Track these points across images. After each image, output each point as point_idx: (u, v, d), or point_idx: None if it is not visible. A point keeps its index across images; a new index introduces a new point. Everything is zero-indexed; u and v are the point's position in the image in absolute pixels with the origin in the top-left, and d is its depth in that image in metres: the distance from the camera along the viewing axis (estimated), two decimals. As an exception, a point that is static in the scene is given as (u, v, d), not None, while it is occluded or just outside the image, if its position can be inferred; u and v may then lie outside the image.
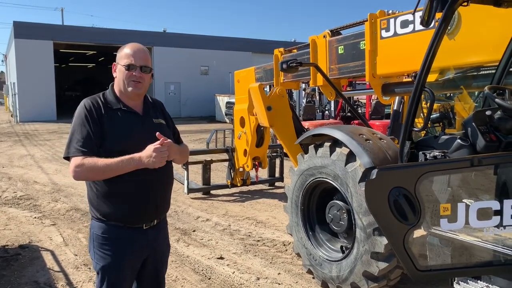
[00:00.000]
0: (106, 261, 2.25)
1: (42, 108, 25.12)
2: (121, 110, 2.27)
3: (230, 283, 4.11)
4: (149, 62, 2.30)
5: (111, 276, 2.27)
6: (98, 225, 2.27)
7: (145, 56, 2.29)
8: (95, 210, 2.27)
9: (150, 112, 2.38)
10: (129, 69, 2.23)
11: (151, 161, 2.12)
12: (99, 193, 2.24)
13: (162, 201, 2.36)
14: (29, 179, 9.11)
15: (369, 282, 3.46)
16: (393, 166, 2.92)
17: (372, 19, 4.21)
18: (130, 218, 2.25)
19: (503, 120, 2.72)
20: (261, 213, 6.58)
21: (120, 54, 2.28)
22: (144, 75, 2.27)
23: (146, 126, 2.30)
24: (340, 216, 3.79)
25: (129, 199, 2.23)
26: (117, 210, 2.23)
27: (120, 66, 2.26)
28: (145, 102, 2.40)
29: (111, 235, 2.25)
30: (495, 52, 3.28)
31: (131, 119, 2.27)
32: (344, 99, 4.90)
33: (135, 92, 2.27)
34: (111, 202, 2.23)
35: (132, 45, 2.30)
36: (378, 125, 10.20)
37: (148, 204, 2.27)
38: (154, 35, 28.74)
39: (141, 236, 2.29)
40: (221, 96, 25.32)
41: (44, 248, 4.96)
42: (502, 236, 2.47)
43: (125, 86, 2.26)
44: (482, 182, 2.61)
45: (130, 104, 2.31)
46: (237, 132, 7.05)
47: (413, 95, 2.69)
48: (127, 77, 2.24)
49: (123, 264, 2.27)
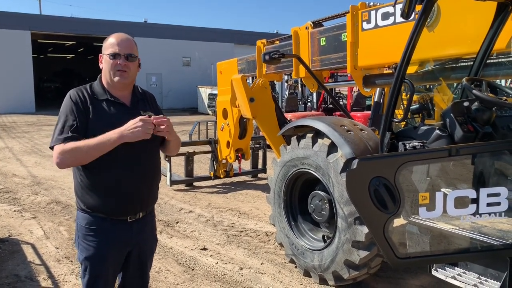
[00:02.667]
0: (89, 252, 2.25)
1: (20, 99, 24.58)
2: (108, 101, 2.24)
3: (214, 274, 4.13)
4: (134, 50, 2.27)
5: (94, 267, 2.26)
6: (82, 216, 2.27)
7: (130, 45, 2.26)
8: (80, 201, 2.26)
9: (138, 103, 2.34)
10: (114, 58, 2.20)
11: (135, 132, 2.07)
12: (84, 184, 2.23)
13: (147, 194, 2.34)
14: (8, 172, 8.94)
15: (350, 270, 3.52)
16: (373, 156, 2.97)
17: (354, 11, 4.24)
18: (114, 210, 2.24)
19: (480, 111, 2.79)
20: (244, 204, 6.60)
21: (105, 44, 2.25)
22: (129, 63, 2.23)
23: (133, 117, 2.23)
24: (322, 206, 3.84)
25: (113, 191, 2.21)
26: (101, 202, 2.22)
27: (105, 56, 2.23)
28: (134, 93, 2.36)
29: (95, 226, 2.24)
30: (473, 44, 3.34)
31: (117, 110, 2.24)
32: (326, 90, 4.93)
33: (121, 82, 2.24)
34: (95, 193, 2.22)
35: (116, 34, 2.26)
36: (359, 117, 10.30)
37: (133, 196, 2.26)
38: (135, 25, 28.32)
39: (125, 229, 2.28)
40: (204, 87, 25.18)
41: (25, 242, 4.90)
42: (478, 224, 2.54)
43: (111, 76, 2.23)
44: (459, 172, 2.68)
45: (117, 95, 2.27)
46: (219, 123, 7.04)
47: (394, 86, 2.74)
48: (112, 67, 2.21)
49: (106, 256, 2.26)
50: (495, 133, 2.79)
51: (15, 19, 24.52)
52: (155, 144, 2.34)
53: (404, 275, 4.01)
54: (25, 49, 24.97)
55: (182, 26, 30.12)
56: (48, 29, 25.91)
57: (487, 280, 2.66)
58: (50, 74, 39.08)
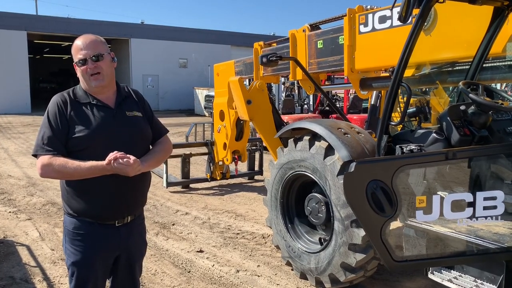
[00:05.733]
0: (77, 257, 2.22)
1: (16, 100, 24.46)
2: (90, 104, 2.20)
3: (210, 276, 4.13)
4: (100, 48, 2.18)
5: (81, 272, 2.23)
6: (69, 221, 2.24)
7: (95, 44, 2.18)
8: (67, 205, 2.24)
9: (123, 104, 2.29)
10: (83, 64, 2.16)
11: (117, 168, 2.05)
12: (70, 189, 2.20)
13: (134, 197, 2.30)
14: (3, 173, 8.89)
15: (347, 273, 3.52)
16: (371, 159, 2.97)
17: (351, 14, 4.25)
18: (100, 214, 2.21)
19: (477, 115, 2.80)
20: (241, 206, 6.60)
21: (72, 52, 2.20)
22: (99, 63, 2.16)
23: (117, 119, 2.23)
24: (318, 208, 3.84)
25: (100, 195, 2.18)
26: (87, 206, 2.19)
27: (75, 65, 2.20)
28: (119, 93, 2.31)
29: (82, 231, 2.21)
30: (470, 48, 3.36)
31: (100, 113, 2.20)
32: (323, 93, 4.94)
33: (99, 86, 2.20)
34: (81, 197, 2.19)
35: (80, 38, 2.21)
36: (356, 119, 10.33)
37: (119, 200, 2.22)
38: (132, 26, 28.29)
39: (113, 233, 2.24)
40: (200, 89, 25.16)
41: (20, 243, 4.87)
42: (475, 227, 2.54)
43: (88, 82, 2.19)
44: (456, 175, 2.69)
45: (100, 98, 2.23)
46: (216, 125, 7.04)
47: (390, 89, 2.74)
48: (84, 73, 2.17)
49: (93, 261, 2.23)
50: (492, 136, 2.81)
51: (11, 19, 24.42)
52: (142, 147, 2.31)
53: (401, 278, 4.02)
54: (21, 49, 24.87)
55: (179, 27, 30.13)
56: (44, 30, 25.84)
57: (483, 283, 2.67)
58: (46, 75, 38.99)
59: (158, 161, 2.37)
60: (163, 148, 2.40)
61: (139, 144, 2.27)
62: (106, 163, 2.05)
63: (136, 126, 2.29)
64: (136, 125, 2.29)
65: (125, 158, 2.05)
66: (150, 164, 2.26)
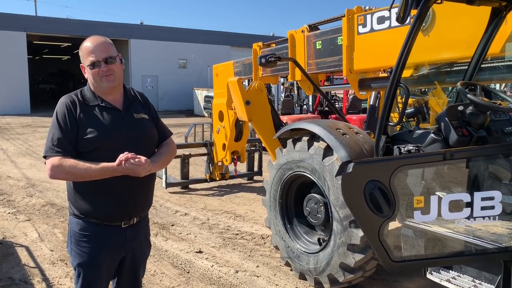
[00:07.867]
0: (83, 258, 2.23)
1: (15, 101, 24.46)
2: (99, 107, 2.21)
3: (209, 277, 4.13)
4: (111, 51, 2.21)
5: (87, 273, 2.24)
6: (76, 222, 2.24)
7: (106, 47, 2.20)
8: (74, 207, 2.24)
9: (131, 106, 2.31)
10: (94, 67, 2.17)
11: (129, 168, 2.07)
12: (77, 190, 2.21)
13: (142, 198, 2.31)
14: (2, 174, 8.89)
15: (346, 273, 3.53)
16: (369, 160, 2.98)
17: (349, 15, 4.26)
18: (107, 216, 2.22)
19: (475, 115, 2.80)
20: (240, 207, 6.60)
21: (81, 54, 2.21)
22: (111, 66, 2.19)
23: (126, 121, 2.24)
24: (317, 209, 3.85)
25: (109, 196, 2.19)
26: (94, 207, 2.20)
27: (87, 68, 2.21)
28: (126, 96, 2.32)
29: (89, 232, 2.22)
30: (468, 48, 3.36)
31: (109, 115, 2.21)
32: (322, 93, 4.94)
33: (110, 86, 2.21)
34: (88, 199, 2.20)
35: (89, 40, 2.22)
36: (355, 120, 10.33)
37: (127, 201, 2.23)
38: (131, 27, 28.28)
39: (119, 235, 2.26)
40: (200, 89, 25.17)
41: (19, 244, 4.87)
42: (473, 227, 2.55)
43: (99, 83, 2.20)
44: (454, 175, 2.69)
45: (108, 100, 2.24)
46: (215, 126, 7.04)
47: (389, 90, 2.75)
48: (96, 75, 2.18)
49: (99, 262, 2.24)
50: (489, 137, 2.82)
51: (10, 20, 24.41)
52: (150, 149, 2.32)
53: (399, 278, 4.02)
54: (20, 50, 24.86)
55: (178, 28, 30.13)
56: (43, 31, 25.83)
57: (481, 283, 2.67)
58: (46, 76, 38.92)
59: (166, 162, 2.41)
60: (169, 150, 2.43)
61: (146, 146, 2.29)
62: (117, 164, 2.05)
63: (144, 128, 2.30)
64: (143, 127, 2.30)
65: (136, 159, 2.07)
66: (159, 165, 2.29)
